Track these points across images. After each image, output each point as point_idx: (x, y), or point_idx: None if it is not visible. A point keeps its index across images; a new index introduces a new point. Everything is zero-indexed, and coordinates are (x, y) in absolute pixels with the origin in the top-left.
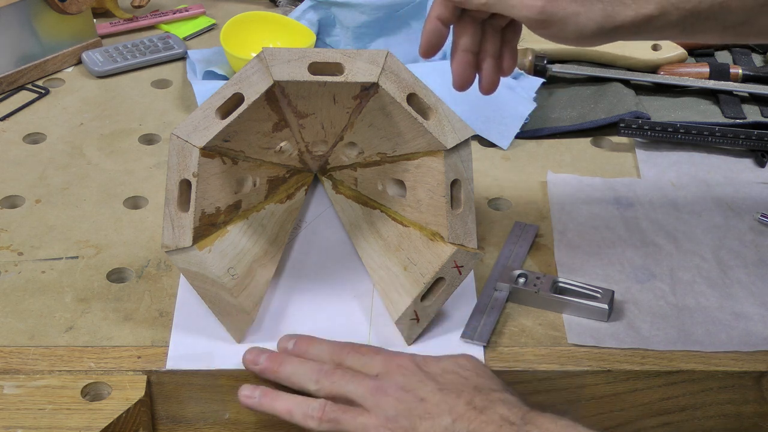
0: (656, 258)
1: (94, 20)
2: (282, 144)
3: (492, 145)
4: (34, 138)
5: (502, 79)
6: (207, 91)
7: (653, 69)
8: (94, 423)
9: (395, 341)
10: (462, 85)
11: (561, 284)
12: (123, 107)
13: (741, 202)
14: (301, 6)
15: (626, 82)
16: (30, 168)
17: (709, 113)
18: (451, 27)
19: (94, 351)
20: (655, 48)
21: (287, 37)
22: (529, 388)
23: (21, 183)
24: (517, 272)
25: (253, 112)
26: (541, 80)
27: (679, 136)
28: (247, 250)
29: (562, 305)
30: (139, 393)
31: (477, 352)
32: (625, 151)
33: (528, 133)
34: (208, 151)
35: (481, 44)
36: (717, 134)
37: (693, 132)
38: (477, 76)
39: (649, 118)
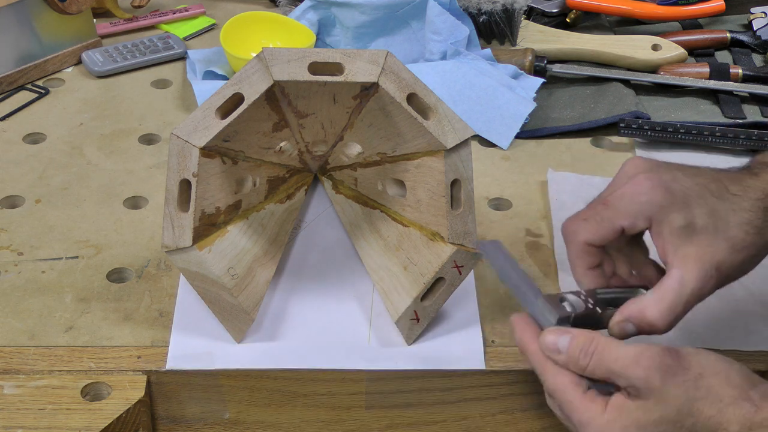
0: (656, 258)
1: (94, 20)
2: (282, 144)
3: (492, 145)
4: (34, 138)
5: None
6: (207, 91)
7: (653, 69)
8: (94, 423)
9: (395, 341)
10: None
11: (600, 296)
12: (123, 107)
13: None
14: (301, 6)
15: (626, 82)
16: (30, 168)
17: (709, 113)
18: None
19: (94, 351)
20: (655, 48)
21: (287, 37)
22: (530, 388)
23: (21, 183)
24: (558, 296)
25: (253, 112)
26: (541, 80)
27: (679, 136)
28: (247, 250)
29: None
30: (139, 393)
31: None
32: (625, 151)
33: (528, 133)
34: (208, 151)
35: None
36: (717, 134)
37: (693, 132)
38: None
39: (649, 118)
